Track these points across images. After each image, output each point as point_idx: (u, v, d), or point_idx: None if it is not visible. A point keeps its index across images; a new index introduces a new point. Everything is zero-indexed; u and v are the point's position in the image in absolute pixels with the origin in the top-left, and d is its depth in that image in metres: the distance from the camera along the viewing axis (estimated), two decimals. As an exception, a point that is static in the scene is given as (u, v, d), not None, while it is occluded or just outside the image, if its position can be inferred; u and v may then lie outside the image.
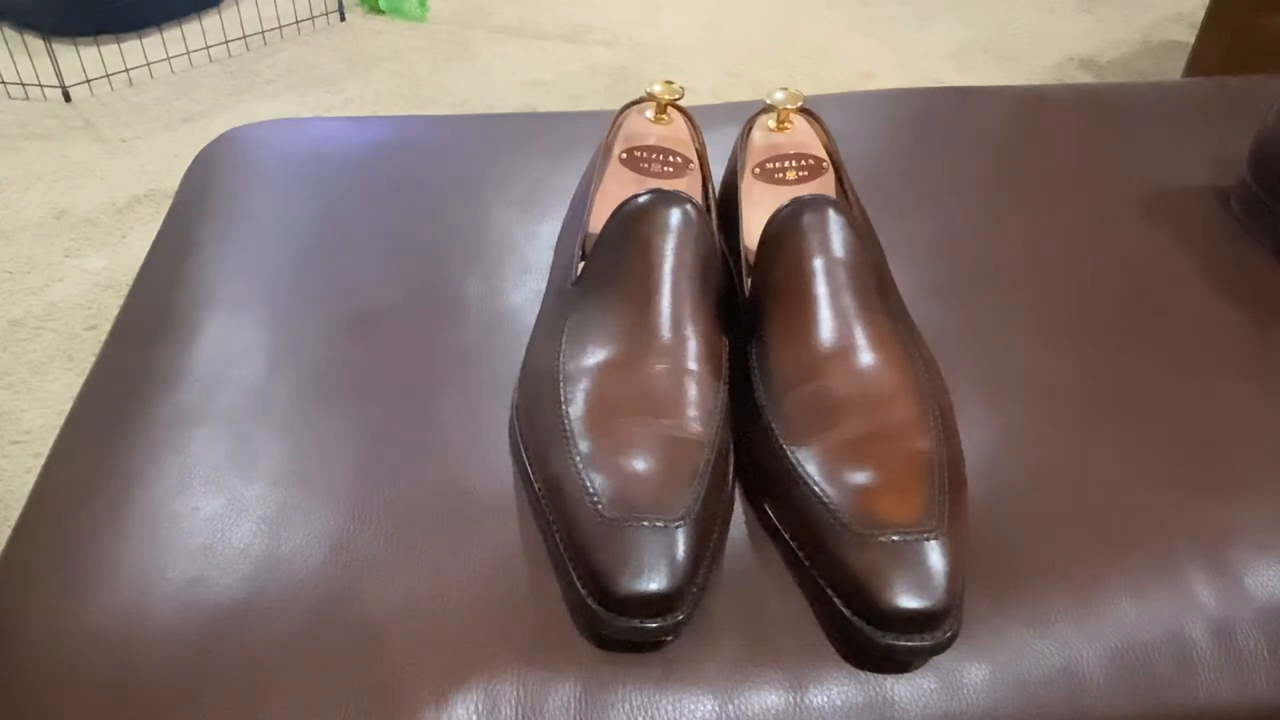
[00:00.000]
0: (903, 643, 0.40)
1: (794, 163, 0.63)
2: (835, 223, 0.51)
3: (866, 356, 0.48)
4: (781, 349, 0.49)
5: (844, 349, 0.48)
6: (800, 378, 0.47)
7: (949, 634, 0.40)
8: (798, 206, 0.51)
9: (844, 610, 0.41)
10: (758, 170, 0.63)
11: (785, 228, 0.51)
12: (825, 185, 0.63)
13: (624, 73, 1.90)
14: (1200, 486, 0.50)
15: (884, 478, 0.43)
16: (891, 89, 0.83)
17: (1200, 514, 0.48)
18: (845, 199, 0.61)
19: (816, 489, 0.43)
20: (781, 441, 0.46)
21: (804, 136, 0.64)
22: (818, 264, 0.50)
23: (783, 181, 0.63)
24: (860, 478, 0.43)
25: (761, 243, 0.52)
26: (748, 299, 0.53)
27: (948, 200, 0.69)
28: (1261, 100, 0.72)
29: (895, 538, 0.41)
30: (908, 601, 0.39)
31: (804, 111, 0.65)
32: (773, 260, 0.51)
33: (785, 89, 0.63)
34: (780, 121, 0.64)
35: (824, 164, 0.63)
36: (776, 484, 0.45)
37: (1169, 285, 0.62)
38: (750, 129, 0.64)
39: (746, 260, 0.56)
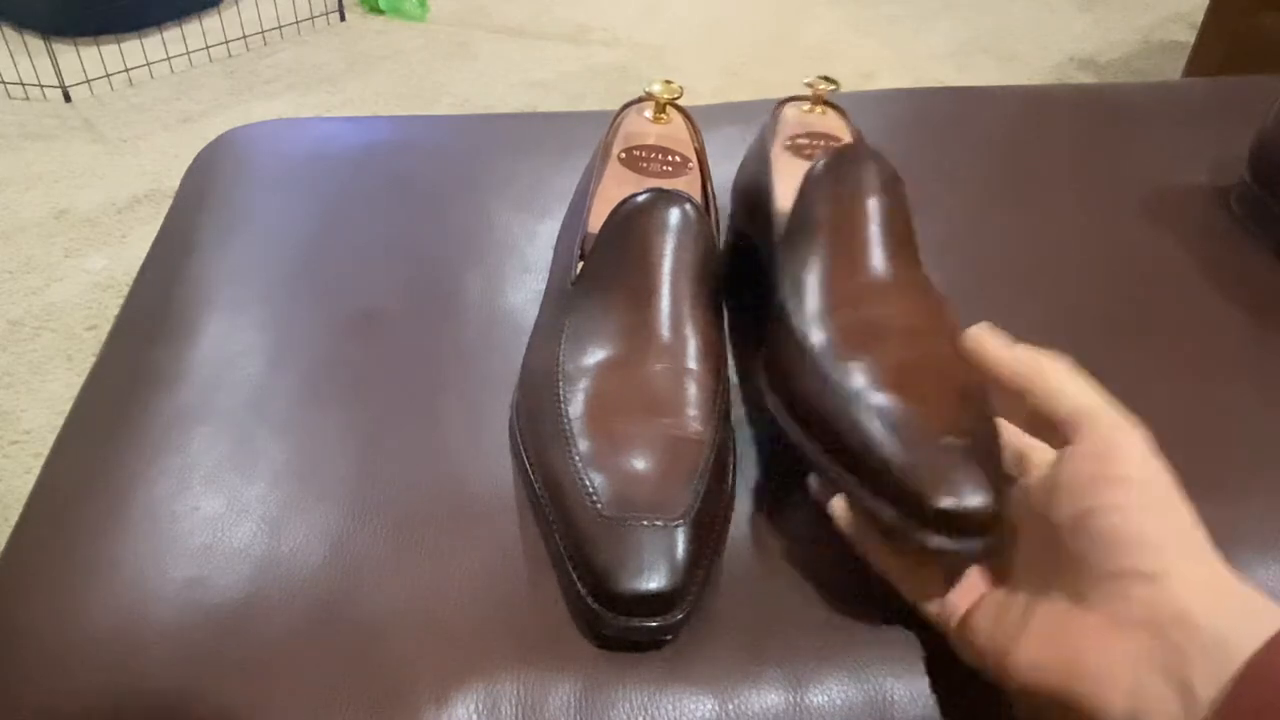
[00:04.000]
0: (951, 546, 0.39)
1: (823, 142, 0.64)
2: (881, 170, 0.52)
3: (911, 293, 0.48)
4: (827, 276, 0.49)
5: (888, 284, 0.48)
6: (845, 302, 0.48)
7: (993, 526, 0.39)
8: (844, 151, 0.52)
9: (895, 514, 0.40)
10: (788, 143, 0.63)
11: (833, 169, 0.52)
12: None
13: (624, 73, 1.90)
14: (1200, 486, 0.50)
15: (934, 400, 0.43)
16: (891, 89, 0.83)
17: (1200, 514, 0.48)
18: None
19: (865, 405, 0.42)
20: (821, 363, 0.45)
21: (834, 122, 0.65)
22: (870, 203, 0.51)
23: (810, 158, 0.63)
24: (908, 396, 0.43)
25: (807, 180, 0.52)
26: (781, 240, 0.53)
27: (947, 200, 0.69)
28: (1261, 100, 0.72)
29: (949, 439, 0.41)
30: (969, 500, 0.39)
31: (830, 104, 0.66)
32: (816, 200, 0.51)
33: (825, 78, 0.63)
34: (814, 106, 0.65)
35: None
36: (814, 405, 0.44)
37: (1168, 285, 0.62)
38: (782, 110, 0.65)
39: (775, 221, 0.56)
